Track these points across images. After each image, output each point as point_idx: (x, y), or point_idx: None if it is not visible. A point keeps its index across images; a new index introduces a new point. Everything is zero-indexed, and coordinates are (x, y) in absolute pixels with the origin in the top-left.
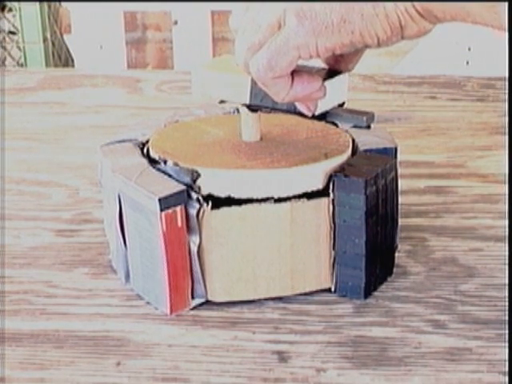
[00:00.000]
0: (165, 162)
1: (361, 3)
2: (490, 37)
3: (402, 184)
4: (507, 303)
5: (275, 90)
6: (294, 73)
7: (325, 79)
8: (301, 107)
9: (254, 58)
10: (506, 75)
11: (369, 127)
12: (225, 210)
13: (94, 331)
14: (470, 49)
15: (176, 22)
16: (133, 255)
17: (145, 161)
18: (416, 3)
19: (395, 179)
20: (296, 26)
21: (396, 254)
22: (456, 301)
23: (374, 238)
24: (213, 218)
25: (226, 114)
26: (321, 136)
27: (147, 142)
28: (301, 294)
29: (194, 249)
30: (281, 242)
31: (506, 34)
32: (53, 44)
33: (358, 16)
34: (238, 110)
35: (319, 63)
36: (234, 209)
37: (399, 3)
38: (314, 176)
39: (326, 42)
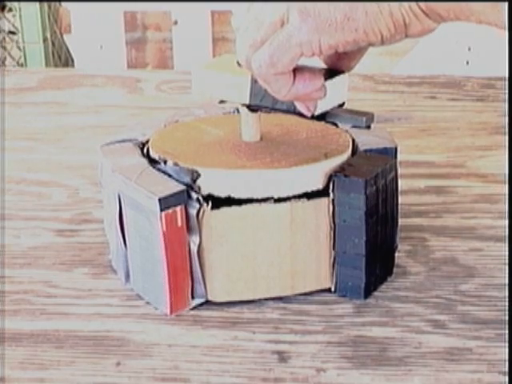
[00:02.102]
0: (165, 162)
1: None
2: (490, 37)
3: (401, 184)
4: (507, 303)
5: (277, 87)
6: (296, 71)
7: (325, 79)
8: (300, 107)
9: (256, 55)
10: (506, 75)
11: (369, 127)
12: (225, 210)
13: (94, 331)
14: (470, 49)
15: (176, 22)
16: (133, 255)
17: (145, 161)
18: (420, 2)
19: (395, 179)
20: (299, 23)
21: (396, 254)
22: (456, 301)
23: (374, 238)
24: (213, 218)
25: (226, 114)
26: (321, 136)
27: (147, 142)
28: (301, 294)
29: (194, 249)
30: (281, 242)
31: (506, 33)
32: (53, 44)
33: (362, 14)
34: (237, 110)
35: (318, 64)
36: (234, 209)
37: (404, 2)
38: (313, 176)
39: (329, 39)
